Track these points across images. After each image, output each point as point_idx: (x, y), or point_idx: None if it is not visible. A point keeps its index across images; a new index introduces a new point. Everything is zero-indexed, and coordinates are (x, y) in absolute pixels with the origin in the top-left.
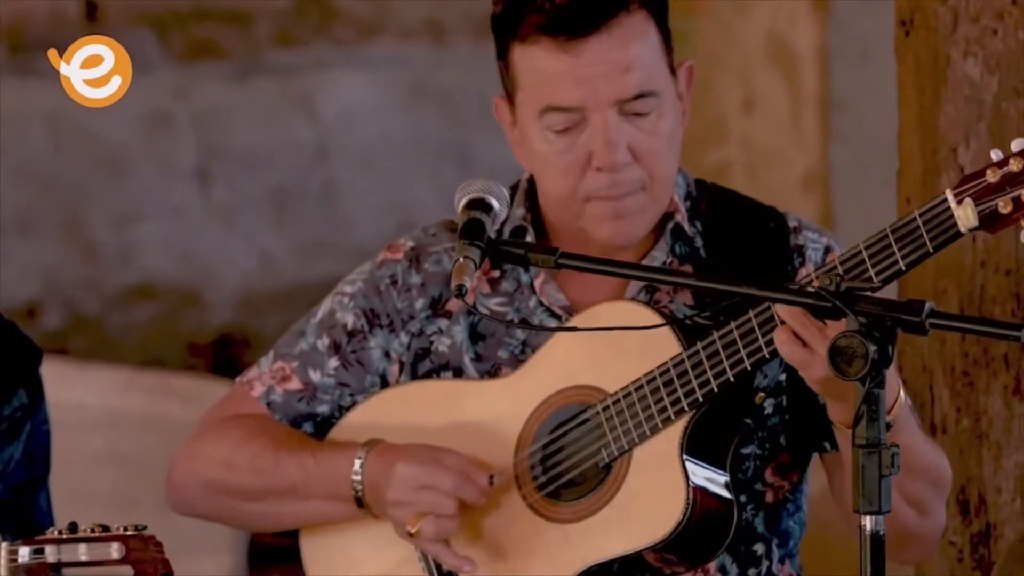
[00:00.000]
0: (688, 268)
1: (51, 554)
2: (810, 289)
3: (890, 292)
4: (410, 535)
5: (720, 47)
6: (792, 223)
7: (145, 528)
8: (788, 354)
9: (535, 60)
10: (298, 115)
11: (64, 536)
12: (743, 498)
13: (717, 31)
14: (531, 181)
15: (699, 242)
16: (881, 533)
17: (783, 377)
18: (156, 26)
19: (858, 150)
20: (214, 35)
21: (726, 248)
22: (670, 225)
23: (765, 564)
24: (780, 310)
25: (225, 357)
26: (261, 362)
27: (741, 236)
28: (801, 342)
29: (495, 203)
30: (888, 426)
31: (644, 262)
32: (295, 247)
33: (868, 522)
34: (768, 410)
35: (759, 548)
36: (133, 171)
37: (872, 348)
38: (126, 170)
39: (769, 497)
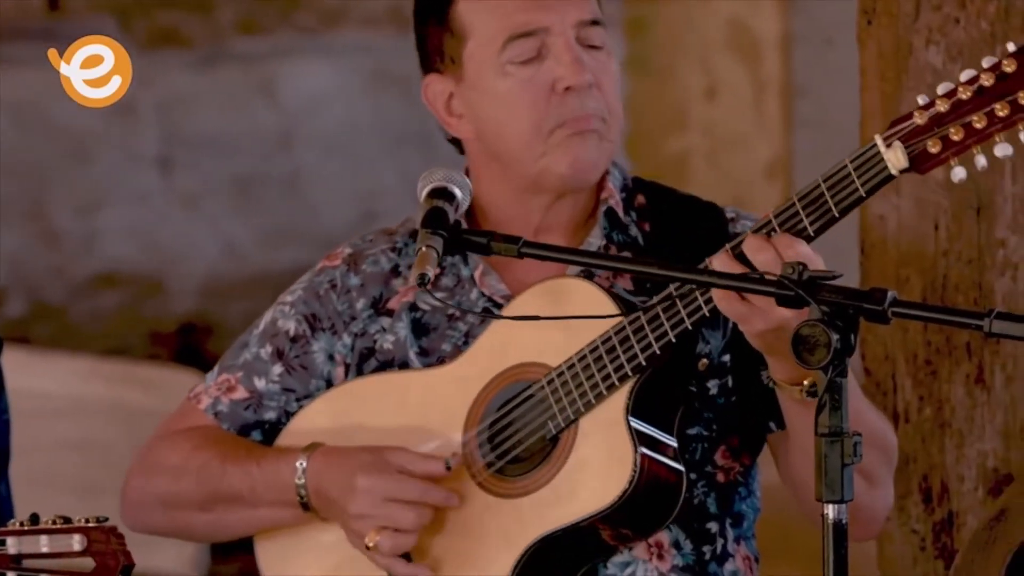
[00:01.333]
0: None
1: (12, 546)
2: (772, 278)
3: (852, 281)
4: (367, 548)
5: (682, 34)
6: (730, 214)
7: (107, 520)
8: (726, 308)
9: None
10: (261, 102)
11: (25, 528)
12: (693, 476)
13: (679, 17)
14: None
15: (635, 231)
16: (844, 522)
17: (727, 358)
18: (118, 13)
19: (821, 137)
20: (177, 22)
21: (664, 237)
22: (603, 208)
23: (720, 542)
24: (717, 264)
25: (188, 345)
26: (207, 377)
27: (678, 227)
28: (739, 295)
29: (458, 192)
30: None
31: (581, 247)
32: (259, 234)
33: (831, 511)
34: (713, 391)
35: (712, 526)
36: (96, 158)
37: (835, 337)
38: (89, 157)
39: (720, 477)
